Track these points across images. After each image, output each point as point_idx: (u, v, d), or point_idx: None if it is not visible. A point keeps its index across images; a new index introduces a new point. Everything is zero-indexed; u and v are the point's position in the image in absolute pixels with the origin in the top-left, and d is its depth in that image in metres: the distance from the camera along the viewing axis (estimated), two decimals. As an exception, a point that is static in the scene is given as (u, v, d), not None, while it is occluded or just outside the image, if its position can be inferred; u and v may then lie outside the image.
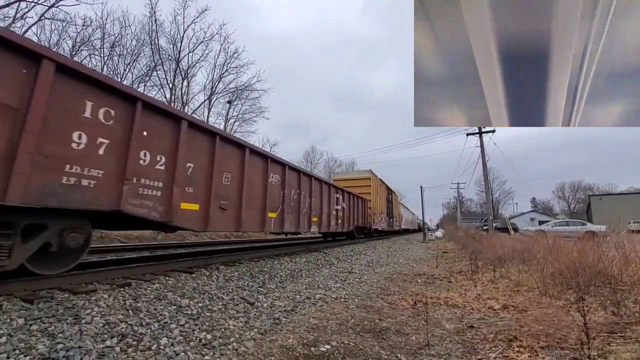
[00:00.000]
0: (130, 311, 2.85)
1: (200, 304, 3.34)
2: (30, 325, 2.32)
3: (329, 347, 2.63)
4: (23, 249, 3.02)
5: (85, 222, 3.61)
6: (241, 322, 3.07)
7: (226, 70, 25.68)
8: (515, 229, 22.77)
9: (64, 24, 17.94)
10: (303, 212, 8.13)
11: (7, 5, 15.39)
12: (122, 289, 3.43)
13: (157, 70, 22.31)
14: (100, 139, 3.34)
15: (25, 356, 1.94)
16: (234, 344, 2.56)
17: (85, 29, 18.94)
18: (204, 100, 25.71)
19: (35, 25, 17.03)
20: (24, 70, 2.77)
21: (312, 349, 2.58)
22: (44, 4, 16.35)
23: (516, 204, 72.03)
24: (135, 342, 2.33)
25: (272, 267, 5.91)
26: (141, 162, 3.80)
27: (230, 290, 4.04)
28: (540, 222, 35.44)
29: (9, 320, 2.33)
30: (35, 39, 16.99)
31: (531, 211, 64.41)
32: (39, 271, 3.28)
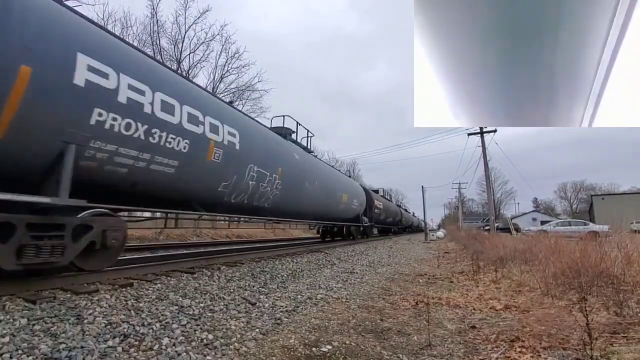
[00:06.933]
0: (132, 311, 2.86)
1: (202, 304, 3.34)
2: (33, 325, 2.33)
3: (330, 347, 2.63)
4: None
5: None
6: (243, 322, 3.07)
7: (227, 70, 25.65)
8: (517, 229, 22.74)
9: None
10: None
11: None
12: (124, 289, 3.44)
13: (158, 71, 22.35)
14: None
15: (28, 356, 1.95)
16: (236, 344, 2.57)
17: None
18: (206, 101, 25.68)
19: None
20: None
21: (314, 349, 2.58)
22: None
23: (518, 204, 71.62)
24: (137, 342, 2.34)
25: (273, 267, 5.91)
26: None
27: (232, 291, 4.05)
28: (542, 222, 35.30)
29: (12, 320, 2.34)
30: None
31: (533, 211, 64.05)
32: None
